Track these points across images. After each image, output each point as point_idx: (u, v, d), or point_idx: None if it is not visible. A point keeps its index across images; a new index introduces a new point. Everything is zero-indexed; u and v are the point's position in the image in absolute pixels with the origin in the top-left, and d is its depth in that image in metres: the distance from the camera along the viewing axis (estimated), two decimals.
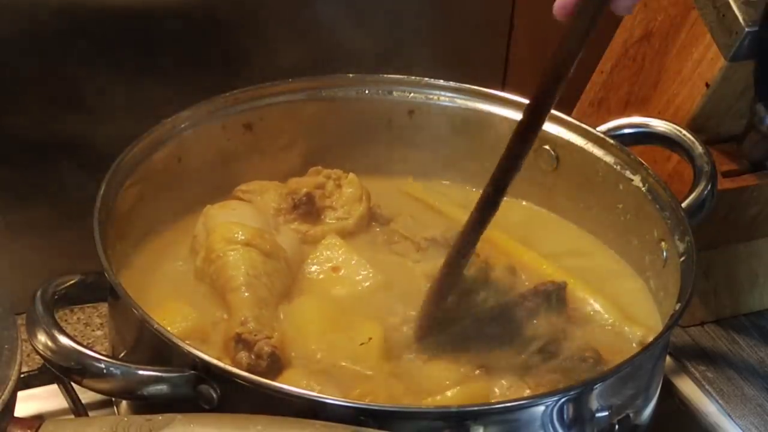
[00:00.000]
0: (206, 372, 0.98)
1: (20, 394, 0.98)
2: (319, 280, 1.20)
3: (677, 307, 1.08)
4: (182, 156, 1.24)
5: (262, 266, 1.14)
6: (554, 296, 1.16)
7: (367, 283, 1.20)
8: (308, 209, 1.26)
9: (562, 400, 1.00)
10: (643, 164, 1.24)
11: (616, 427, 1.04)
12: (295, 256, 1.20)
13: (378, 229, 1.28)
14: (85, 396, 1.15)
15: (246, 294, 1.12)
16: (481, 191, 1.09)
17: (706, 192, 1.23)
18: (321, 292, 1.19)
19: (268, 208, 1.25)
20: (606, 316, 1.20)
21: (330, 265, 1.21)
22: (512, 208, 1.34)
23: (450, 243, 1.19)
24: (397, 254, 1.25)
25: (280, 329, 1.11)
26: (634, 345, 1.17)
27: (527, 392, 1.08)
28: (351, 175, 1.29)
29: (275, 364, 1.07)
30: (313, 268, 1.21)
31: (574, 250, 1.29)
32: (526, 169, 1.31)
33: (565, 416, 1.00)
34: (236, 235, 1.16)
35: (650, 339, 1.12)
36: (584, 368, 1.09)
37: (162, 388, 1.00)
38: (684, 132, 1.26)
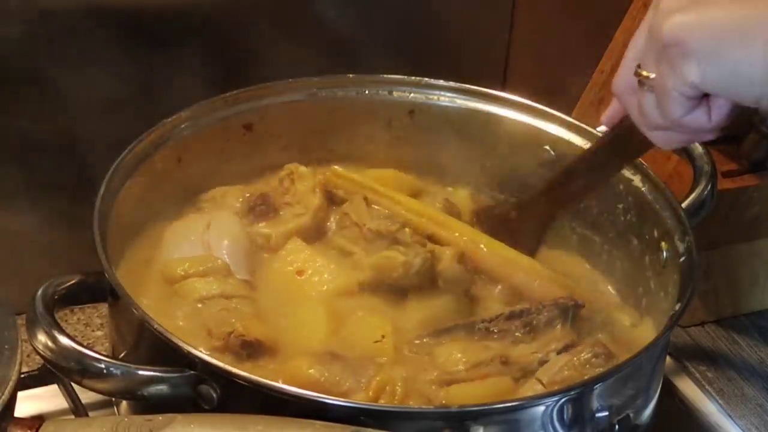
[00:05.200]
0: (206, 372, 0.98)
1: (20, 394, 0.99)
2: (301, 281, 1.20)
3: (677, 307, 1.08)
4: (182, 156, 1.24)
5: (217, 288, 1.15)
6: (571, 312, 1.17)
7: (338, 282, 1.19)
8: (264, 210, 1.24)
9: (562, 400, 1.00)
10: (643, 164, 1.24)
11: (616, 427, 1.04)
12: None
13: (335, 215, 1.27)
14: (85, 396, 1.15)
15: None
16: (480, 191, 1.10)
17: (706, 192, 1.23)
18: (310, 293, 1.18)
19: (229, 212, 1.24)
20: (608, 313, 1.21)
21: (295, 266, 1.20)
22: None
23: (395, 236, 1.19)
24: (348, 241, 1.24)
25: (282, 335, 1.12)
26: (636, 340, 1.17)
27: (539, 387, 1.08)
28: (302, 169, 1.28)
29: (254, 347, 1.08)
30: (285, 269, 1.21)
31: (574, 250, 1.29)
32: (525, 169, 1.32)
33: (565, 416, 1.00)
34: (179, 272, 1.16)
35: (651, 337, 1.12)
36: (596, 364, 1.10)
37: (162, 388, 0.99)
38: None
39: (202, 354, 0.98)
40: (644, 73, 0.97)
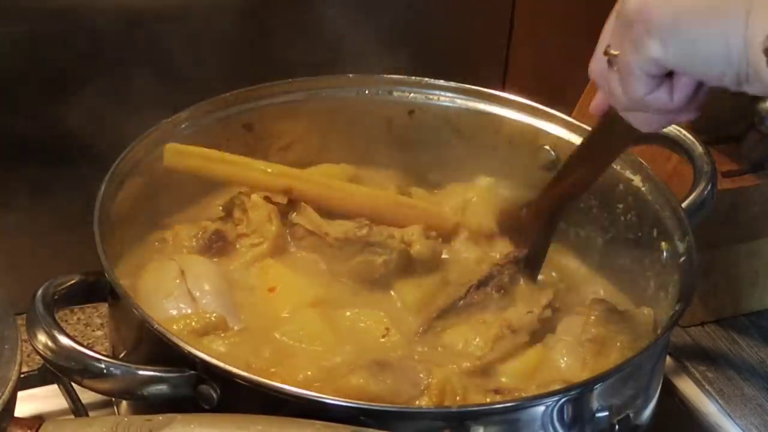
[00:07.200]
0: (206, 372, 0.98)
1: (20, 394, 0.99)
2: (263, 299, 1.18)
3: (677, 307, 1.09)
4: None
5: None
6: (521, 263, 1.20)
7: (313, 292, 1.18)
8: (222, 245, 1.21)
9: (562, 400, 1.00)
10: (643, 164, 1.24)
11: (616, 427, 1.04)
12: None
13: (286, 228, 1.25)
14: (85, 396, 1.15)
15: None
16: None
17: (706, 192, 1.23)
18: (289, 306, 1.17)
19: (182, 250, 1.21)
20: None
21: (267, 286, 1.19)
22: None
23: (366, 239, 1.19)
24: (310, 251, 1.22)
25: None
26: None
27: (566, 340, 1.12)
28: (254, 197, 1.24)
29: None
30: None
31: (573, 249, 1.29)
32: (525, 169, 1.32)
33: (565, 416, 1.00)
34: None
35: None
36: (613, 319, 1.13)
37: (162, 388, 1.00)
38: (684, 132, 1.26)
39: (202, 354, 0.99)
40: (612, 51, 0.98)
